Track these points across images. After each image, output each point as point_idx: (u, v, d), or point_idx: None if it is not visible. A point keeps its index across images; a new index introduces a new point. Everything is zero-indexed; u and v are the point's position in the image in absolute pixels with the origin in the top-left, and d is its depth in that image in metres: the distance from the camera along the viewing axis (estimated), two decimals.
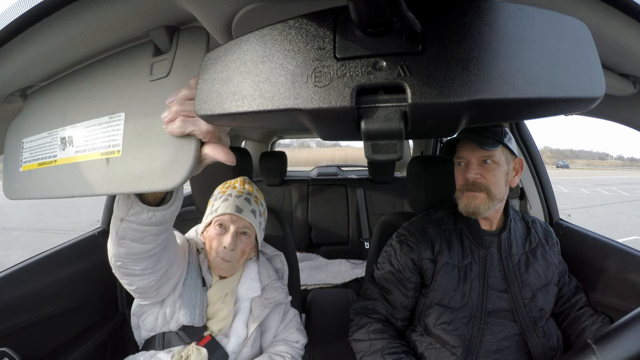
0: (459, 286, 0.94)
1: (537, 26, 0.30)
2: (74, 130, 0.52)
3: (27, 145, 0.59)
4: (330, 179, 2.87)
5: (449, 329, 0.92)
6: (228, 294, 1.00)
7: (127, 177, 0.47)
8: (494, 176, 0.94)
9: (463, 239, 1.00)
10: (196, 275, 0.97)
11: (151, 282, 0.80)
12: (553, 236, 1.07)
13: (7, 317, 0.98)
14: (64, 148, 0.52)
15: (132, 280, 0.77)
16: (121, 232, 0.63)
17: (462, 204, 0.97)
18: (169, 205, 0.60)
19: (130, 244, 0.65)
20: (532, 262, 0.98)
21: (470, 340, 0.91)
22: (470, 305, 0.93)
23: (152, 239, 0.65)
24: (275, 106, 0.34)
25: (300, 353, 1.08)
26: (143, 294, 0.84)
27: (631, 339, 0.57)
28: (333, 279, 2.03)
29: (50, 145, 0.54)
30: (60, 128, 0.54)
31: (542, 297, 0.95)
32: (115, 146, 0.49)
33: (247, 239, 1.00)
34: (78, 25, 0.49)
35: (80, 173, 0.51)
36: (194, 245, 1.04)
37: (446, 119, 0.33)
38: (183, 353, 0.92)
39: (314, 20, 0.34)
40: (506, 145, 0.94)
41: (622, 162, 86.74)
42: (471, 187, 0.95)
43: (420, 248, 1.00)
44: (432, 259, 0.99)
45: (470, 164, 0.96)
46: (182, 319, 0.92)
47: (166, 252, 0.75)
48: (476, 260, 0.97)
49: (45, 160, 0.55)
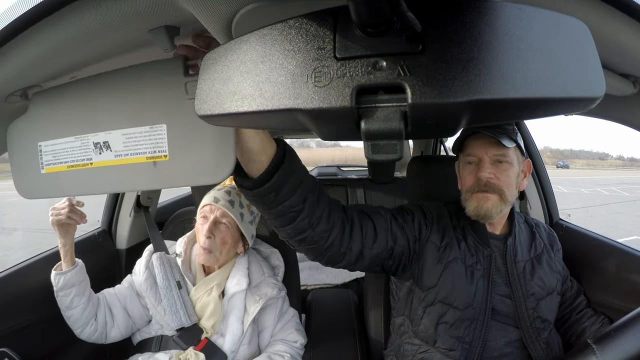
0: (465, 285, 0.88)
1: (537, 26, 0.30)
2: (110, 137, 0.59)
3: (47, 148, 0.64)
4: (330, 179, 2.87)
5: (449, 331, 0.87)
6: (213, 287, 1.02)
7: (177, 175, 0.56)
8: (507, 177, 0.87)
9: (467, 237, 0.94)
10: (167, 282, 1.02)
11: (123, 328, 1.04)
12: (557, 241, 1.02)
13: (7, 317, 0.98)
14: (100, 152, 0.59)
15: (109, 337, 1.03)
16: (61, 303, 0.94)
17: (471, 207, 0.88)
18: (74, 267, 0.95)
19: (70, 312, 0.95)
20: (537, 269, 0.92)
21: (471, 344, 0.86)
22: (474, 307, 0.87)
23: (78, 300, 0.94)
24: (275, 106, 0.34)
25: (299, 353, 1.08)
26: (128, 330, 1.07)
27: (631, 339, 0.57)
28: (333, 279, 2.03)
29: (81, 149, 0.61)
30: (91, 134, 0.60)
31: (546, 307, 0.90)
32: (161, 151, 0.56)
33: (226, 229, 1.02)
34: (78, 25, 0.49)
35: (126, 173, 0.58)
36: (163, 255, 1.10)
37: (446, 119, 0.33)
38: (182, 357, 0.93)
39: (314, 20, 0.34)
40: (519, 145, 0.88)
41: (622, 162, 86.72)
42: (484, 188, 0.86)
43: (432, 229, 0.93)
44: (436, 247, 0.91)
45: (482, 162, 0.88)
46: (171, 323, 0.97)
47: (101, 310, 1.02)
48: (481, 260, 0.91)
49: (77, 163, 0.62)
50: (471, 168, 0.91)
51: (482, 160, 0.88)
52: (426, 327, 0.91)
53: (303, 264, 2.19)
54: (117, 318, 1.00)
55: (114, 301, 1.02)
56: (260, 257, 1.17)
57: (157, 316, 1.01)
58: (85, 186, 0.62)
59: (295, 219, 0.67)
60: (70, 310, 0.95)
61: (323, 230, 0.72)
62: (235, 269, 1.07)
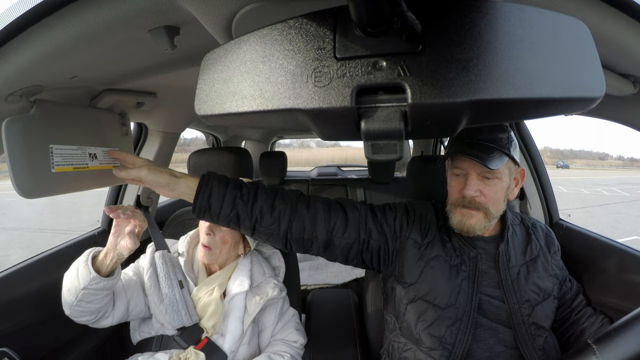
0: (447, 283, 0.87)
1: (537, 26, 0.30)
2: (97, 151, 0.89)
3: (57, 151, 0.79)
4: (331, 179, 2.87)
5: (430, 329, 0.86)
6: (215, 288, 1.02)
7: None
8: (495, 193, 0.85)
9: (452, 237, 0.92)
10: (170, 282, 1.01)
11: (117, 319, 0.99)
12: (555, 242, 0.98)
13: (7, 317, 0.98)
14: (92, 160, 0.87)
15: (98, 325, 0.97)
16: (81, 297, 0.87)
17: (455, 220, 0.88)
18: (115, 277, 0.89)
19: (86, 305, 0.89)
20: (532, 273, 0.90)
21: (453, 345, 0.84)
22: (457, 307, 0.85)
23: (100, 300, 0.90)
24: (275, 106, 0.34)
25: (299, 353, 1.08)
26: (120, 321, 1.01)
27: (631, 339, 0.57)
28: (333, 279, 2.03)
29: (82, 156, 0.84)
30: (87, 147, 0.86)
31: (542, 313, 0.88)
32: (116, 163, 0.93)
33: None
34: (78, 25, 0.50)
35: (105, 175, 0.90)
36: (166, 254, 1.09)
37: (446, 118, 0.33)
38: (182, 356, 0.93)
39: (314, 20, 0.34)
40: (512, 157, 0.85)
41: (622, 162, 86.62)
42: (468, 205, 0.85)
43: (413, 227, 0.93)
44: (417, 244, 0.91)
45: (469, 177, 0.85)
46: (172, 322, 0.97)
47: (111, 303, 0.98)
48: (466, 261, 0.89)
49: (79, 165, 0.84)
50: (458, 180, 0.89)
51: (469, 175, 0.85)
52: (408, 324, 0.90)
53: (303, 264, 2.20)
54: (117, 310, 0.97)
55: (121, 294, 0.99)
56: (261, 258, 1.17)
57: (158, 315, 1.01)
58: (83, 184, 0.84)
59: (238, 222, 0.82)
60: (88, 304, 0.89)
61: (269, 223, 0.84)
62: (238, 271, 1.07)
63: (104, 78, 0.85)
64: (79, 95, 0.91)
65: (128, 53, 0.68)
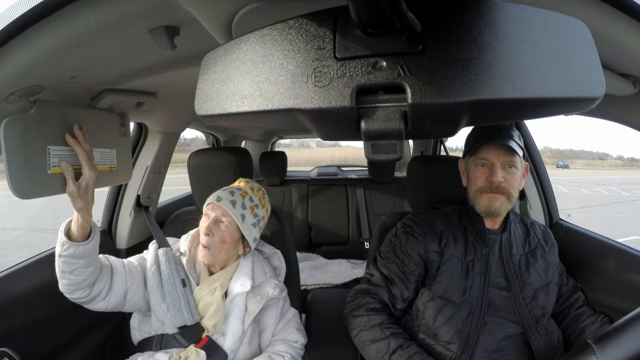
0: (461, 281, 0.95)
1: (537, 26, 0.30)
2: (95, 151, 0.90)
3: (54, 152, 0.78)
4: (330, 179, 2.87)
5: (448, 324, 0.93)
6: (217, 288, 1.02)
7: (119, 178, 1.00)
8: (515, 180, 0.97)
9: (467, 235, 1.01)
10: (172, 280, 1.01)
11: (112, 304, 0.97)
12: (551, 237, 1.08)
13: (7, 317, 0.98)
14: None
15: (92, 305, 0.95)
16: (61, 266, 0.85)
17: (481, 205, 0.98)
18: (88, 242, 0.85)
19: (69, 277, 0.87)
20: (533, 262, 0.99)
21: (468, 337, 0.91)
22: (470, 301, 0.93)
23: (81, 271, 0.87)
24: (275, 106, 0.34)
25: (299, 353, 1.08)
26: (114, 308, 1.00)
27: (631, 339, 0.57)
28: (333, 279, 2.03)
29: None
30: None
31: (544, 296, 0.96)
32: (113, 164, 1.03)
33: (226, 229, 1.02)
34: (78, 25, 0.50)
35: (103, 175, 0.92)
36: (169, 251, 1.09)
37: (446, 119, 0.33)
38: (182, 354, 0.93)
39: (314, 20, 0.34)
40: (523, 150, 0.97)
41: (622, 162, 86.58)
42: (495, 190, 0.96)
43: (427, 240, 1.01)
44: (438, 252, 1.00)
45: (494, 166, 0.96)
46: (173, 321, 0.97)
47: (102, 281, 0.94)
48: (479, 257, 0.98)
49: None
50: (483, 170, 0.99)
51: (495, 165, 0.97)
52: (427, 321, 0.97)
53: (303, 264, 2.20)
54: (113, 293, 0.95)
55: (120, 281, 0.97)
56: (262, 258, 1.17)
57: (159, 313, 1.00)
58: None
59: None
60: (70, 275, 0.87)
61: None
62: (239, 271, 1.07)
63: (104, 78, 0.85)
64: (79, 95, 0.91)
65: (128, 53, 0.68)
